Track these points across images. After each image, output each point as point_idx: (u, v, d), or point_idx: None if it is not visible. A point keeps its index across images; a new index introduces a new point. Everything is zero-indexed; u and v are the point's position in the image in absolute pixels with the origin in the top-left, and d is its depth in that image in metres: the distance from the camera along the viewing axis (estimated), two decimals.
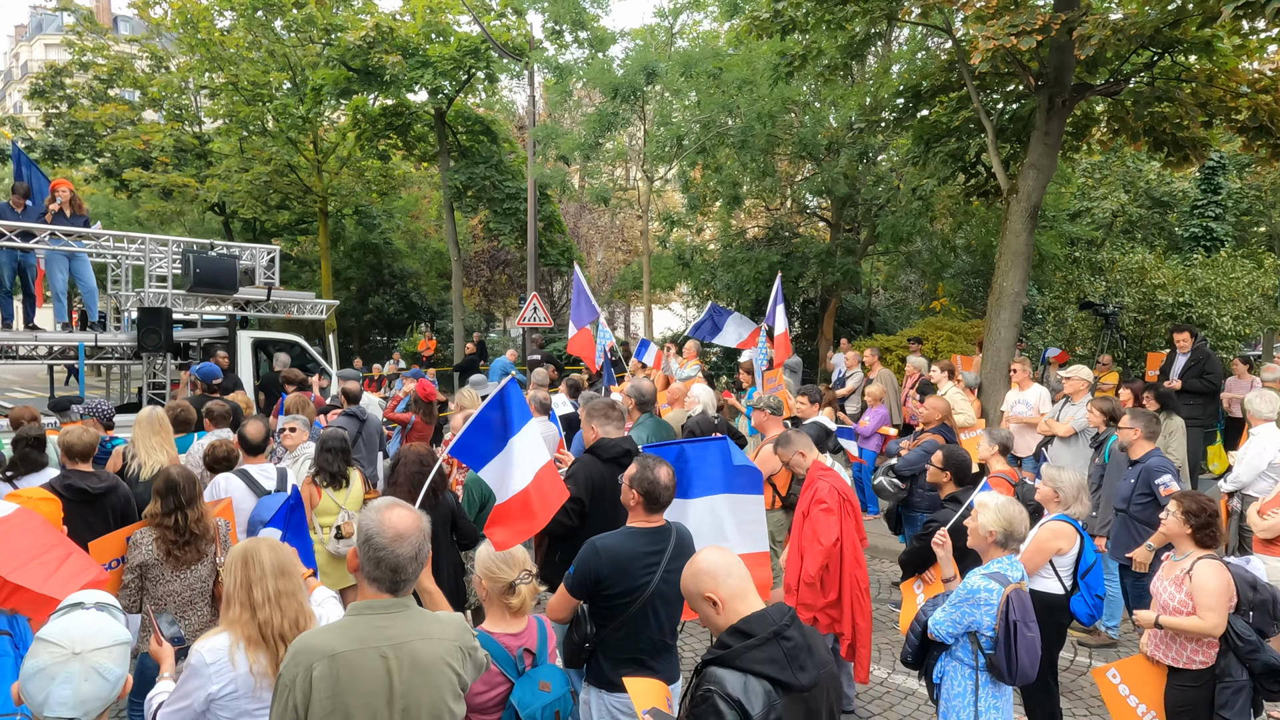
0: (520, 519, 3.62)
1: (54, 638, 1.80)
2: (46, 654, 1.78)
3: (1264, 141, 9.18)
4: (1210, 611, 3.61)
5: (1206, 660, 3.71)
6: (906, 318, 18.98)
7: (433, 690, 2.32)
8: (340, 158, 22.03)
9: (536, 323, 15.37)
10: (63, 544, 2.90)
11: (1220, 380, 9.44)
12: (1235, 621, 3.71)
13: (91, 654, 1.80)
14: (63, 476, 5.12)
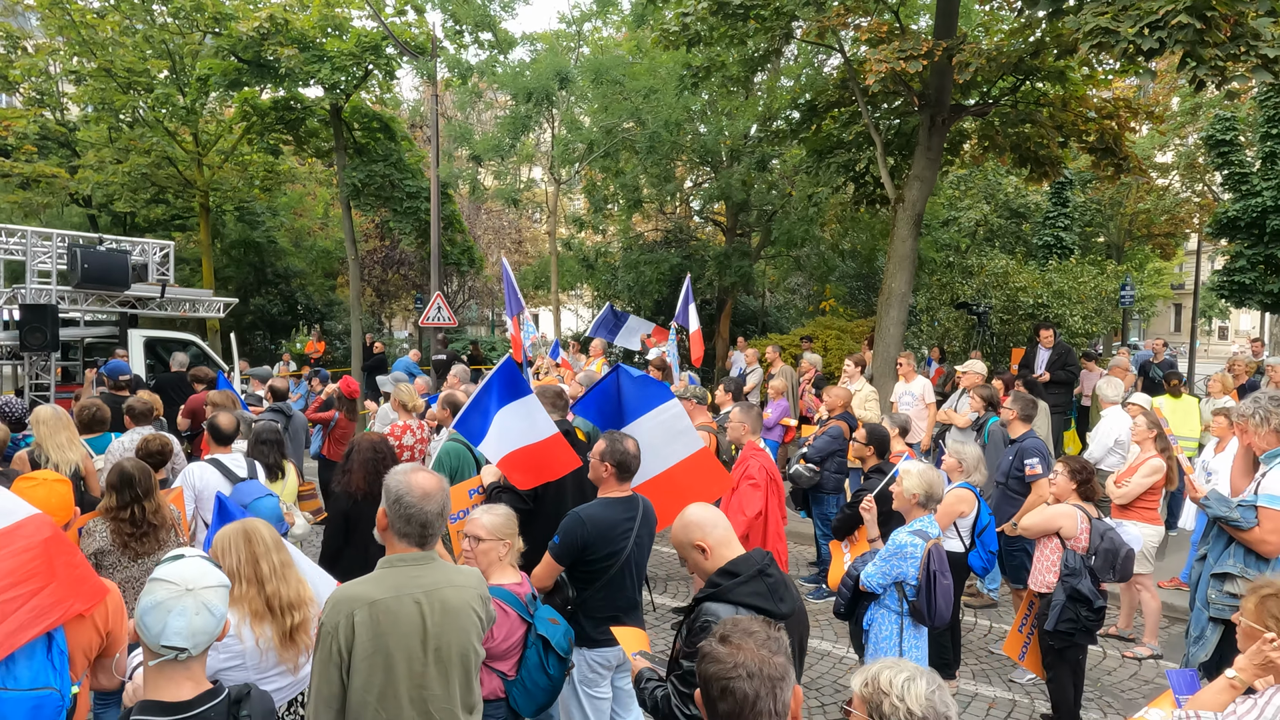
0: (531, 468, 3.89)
1: (169, 577, 1.96)
2: (163, 590, 1.93)
3: (1109, 161, 10.42)
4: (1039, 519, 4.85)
5: (1049, 587, 4.71)
6: (796, 318, 20.01)
7: (461, 632, 2.58)
8: (222, 151, 21.08)
9: (440, 322, 15.31)
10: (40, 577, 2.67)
11: (1078, 372, 10.62)
12: (1069, 554, 4.55)
13: (202, 591, 1.97)
14: None
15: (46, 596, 2.59)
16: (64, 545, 2.74)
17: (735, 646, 1.82)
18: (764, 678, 1.77)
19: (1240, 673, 2.66)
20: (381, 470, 4.89)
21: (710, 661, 1.83)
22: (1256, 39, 6.51)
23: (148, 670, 1.97)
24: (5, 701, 2.67)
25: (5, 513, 2.67)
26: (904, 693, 1.94)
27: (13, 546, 2.62)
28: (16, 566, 2.58)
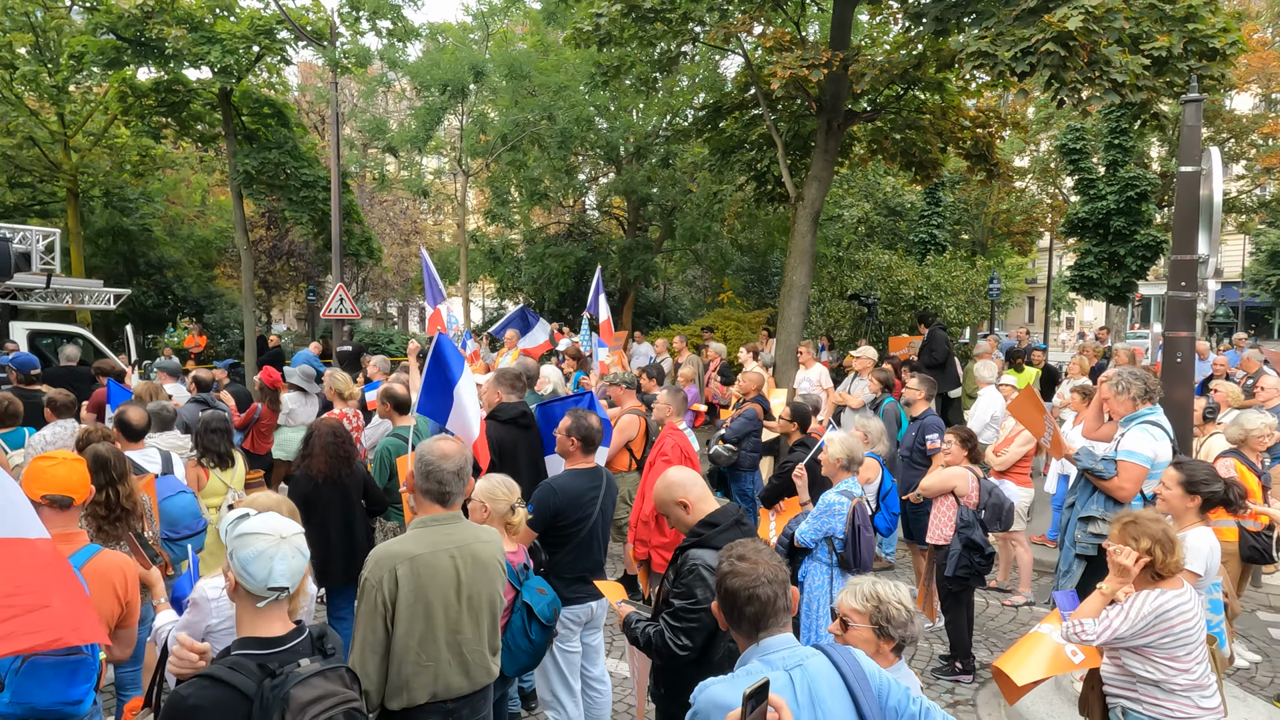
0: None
1: (260, 529, 2.20)
2: (262, 541, 2.18)
3: (982, 166, 11.54)
4: (936, 479, 5.56)
5: (946, 539, 5.40)
6: (695, 309, 20.76)
7: (489, 582, 2.93)
8: (92, 133, 19.82)
9: (343, 314, 15.10)
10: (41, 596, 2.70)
11: (943, 356, 11.61)
12: (963, 510, 5.28)
13: (293, 537, 2.23)
14: None
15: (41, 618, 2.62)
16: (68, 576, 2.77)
17: (753, 562, 2.24)
18: (779, 582, 2.21)
19: (1107, 584, 3.34)
20: (342, 453, 5.09)
21: (734, 576, 2.23)
22: (1108, 65, 7.53)
23: (244, 614, 2.23)
24: (45, 666, 2.83)
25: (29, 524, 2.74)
26: (901, 597, 2.47)
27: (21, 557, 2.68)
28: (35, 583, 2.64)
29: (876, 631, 2.45)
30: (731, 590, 2.23)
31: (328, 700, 2.11)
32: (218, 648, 2.99)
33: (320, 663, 2.20)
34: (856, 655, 2.13)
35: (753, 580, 2.19)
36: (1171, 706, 3.17)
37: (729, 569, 2.26)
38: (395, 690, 2.77)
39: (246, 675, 2.09)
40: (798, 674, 2.00)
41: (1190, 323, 4.99)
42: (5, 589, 2.53)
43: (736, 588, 2.21)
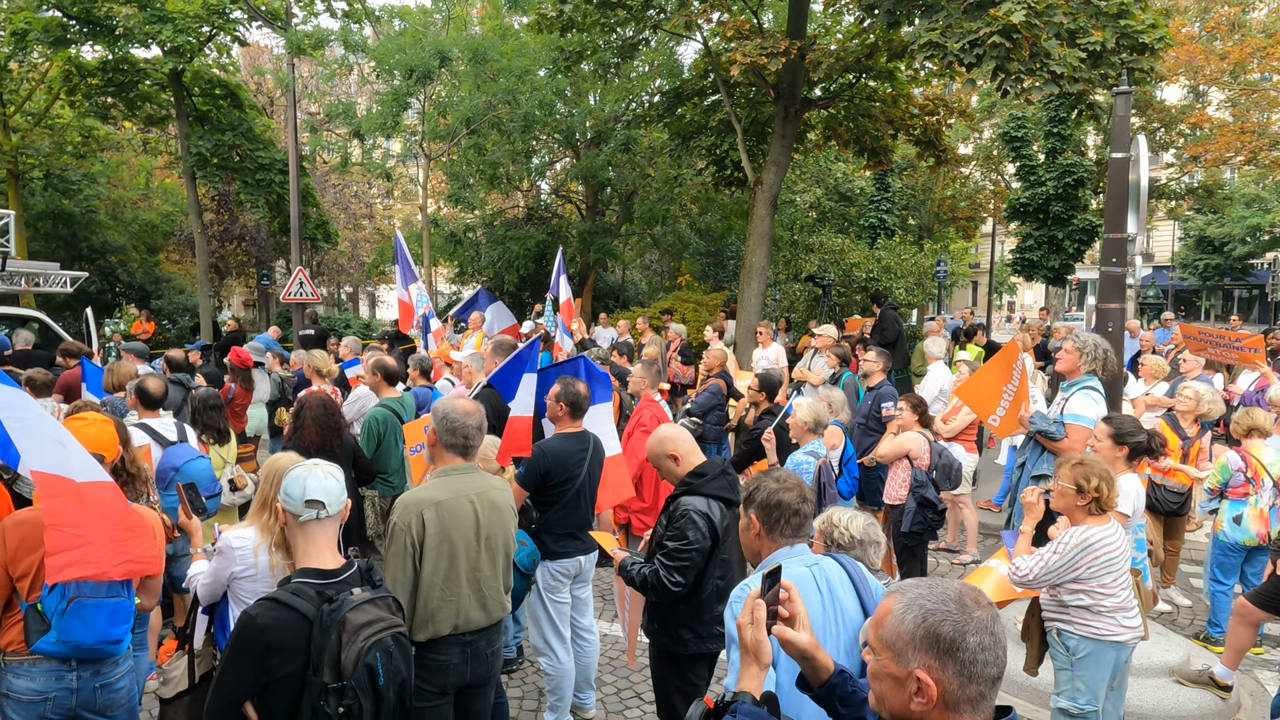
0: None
1: (298, 461, 2.50)
2: (298, 468, 2.48)
3: (931, 153, 12.07)
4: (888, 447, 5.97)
5: (901, 499, 5.81)
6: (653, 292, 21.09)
7: (504, 525, 3.23)
8: (30, 113, 19.29)
9: (303, 298, 15.07)
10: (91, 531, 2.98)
11: (894, 336, 12.13)
12: (916, 471, 5.69)
13: (325, 465, 2.52)
14: None
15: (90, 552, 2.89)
16: (114, 513, 3.05)
17: (778, 478, 2.58)
18: (812, 502, 2.56)
19: (1025, 524, 3.81)
20: (331, 424, 5.31)
21: (786, 492, 2.51)
22: (1048, 57, 8.04)
23: (297, 546, 2.51)
24: (88, 607, 3.06)
25: (86, 469, 3.02)
26: (848, 524, 2.83)
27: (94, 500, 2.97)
28: (81, 516, 2.92)
29: (826, 545, 2.82)
30: (785, 503, 2.52)
31: (378, 624, 2.40)
32: (241, 594, 3.25)
33: (370, 591, 2.48)
34: (862, 569, 2.50)
35: (800, 497, 2.53)
36: (1098, 626, 3.62)
37: (778, 487, 2.56)
38: (422, 623, 3.06)
39: (307, 600, 2.38)
40: (816, 570, 2.36)
41: (1121, 295, 5.48)
42: (55, 520, 2.80)
43: (789, 500, 2.53)
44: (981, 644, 1.42)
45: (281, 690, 2.32)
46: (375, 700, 2.31)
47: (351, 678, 2.26)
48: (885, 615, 1.49)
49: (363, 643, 2.29)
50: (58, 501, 2.88)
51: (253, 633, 2.32)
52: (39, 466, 2.94)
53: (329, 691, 2.25)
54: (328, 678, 2.26)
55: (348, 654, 2.27)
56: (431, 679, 3.14)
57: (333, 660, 2.27)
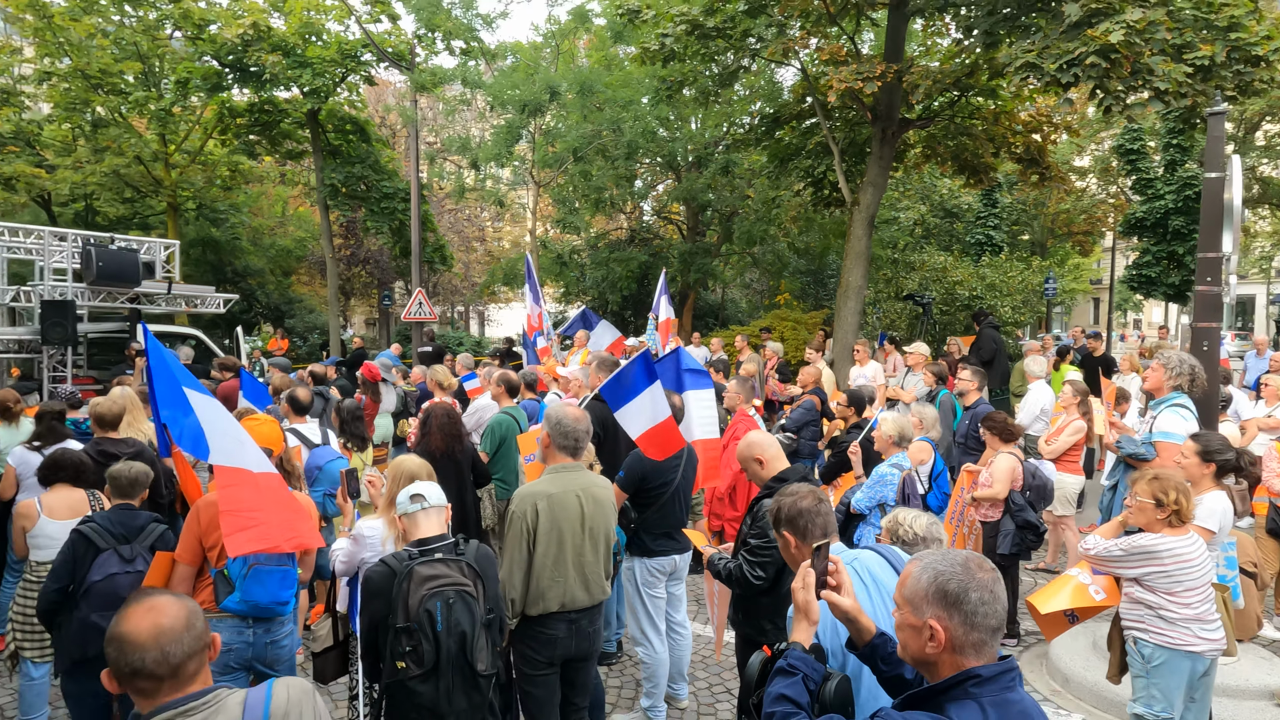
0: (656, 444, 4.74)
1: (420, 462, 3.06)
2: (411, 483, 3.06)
3: (1034, 170, 11.93)
4: (998, 483, 5.70)
5: (996, 516, 5.78)
6: (752, 311, 21.33)
7: (605, 518, 3.68)
8: (188, 150, 21.40)
9: (421, 317, 16.14)
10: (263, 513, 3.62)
11: (990, 355, 11.93)
12: (1013, 493, 5.75)
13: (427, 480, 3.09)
14: (95, 443, 5.76)
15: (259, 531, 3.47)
16: (286, 497, 3.68)
17: (790, 492, 2.91)
18: (814, 493, 2.87)
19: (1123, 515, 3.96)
20: (454, 431, 5.91)
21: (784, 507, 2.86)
22: (1151, 74, 7.97)
23: (410, 531, 3.06)
24: (264, 573, 3.69)
25: (260, 462, 3.66)
26: (912, 523, 3.13)
27: (267, 487, 3.60)
28: (259, 501, 3.54)
29: (891, 541, 3.11)
30: (805, 510, 2.87)
31: (442, 579, 2.90)
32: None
33: (449, 555, 2.98)
34: (899, 552, 2.80)
35: (815, 499, 2.87)
36: (1172, 635, 3.74)
37: (794, 499, 2.90)
38: (534, 599, 3.53)
39: (398, 560, 2.92)
40: (856, 563, 2.68)
41: (1217, 314, 5.48)
42: (230, 506, 3.41)
43: (807, 507, 2.88)
44: (982, 599, 1.74)
45: (381, 634, 2.87)
46: (435, 645, 2.78)
47: (414, 620, 2.75)
48: (906, 577, 1.84)
49: (425, 591, 2.80)
50: (235, 490, 3.51)
51: (365, 584, 2.92)
52: (223, 460, 3.58)
53: (398, 632, 2.77)
54: (399, 619, 2.77)
55: (412, 600, 2.79)
56: (541, 650, 3.61)
57: (403, 605, 2.79)
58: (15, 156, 18.18)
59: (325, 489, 5.42)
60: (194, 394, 3.70)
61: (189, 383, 3.79)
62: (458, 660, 2.87)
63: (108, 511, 3.97)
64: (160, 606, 1.83)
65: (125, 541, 3.87)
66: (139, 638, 1.77)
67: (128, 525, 3.91)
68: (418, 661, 2.81)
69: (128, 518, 3.93)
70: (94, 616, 3.72)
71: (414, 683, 2.81)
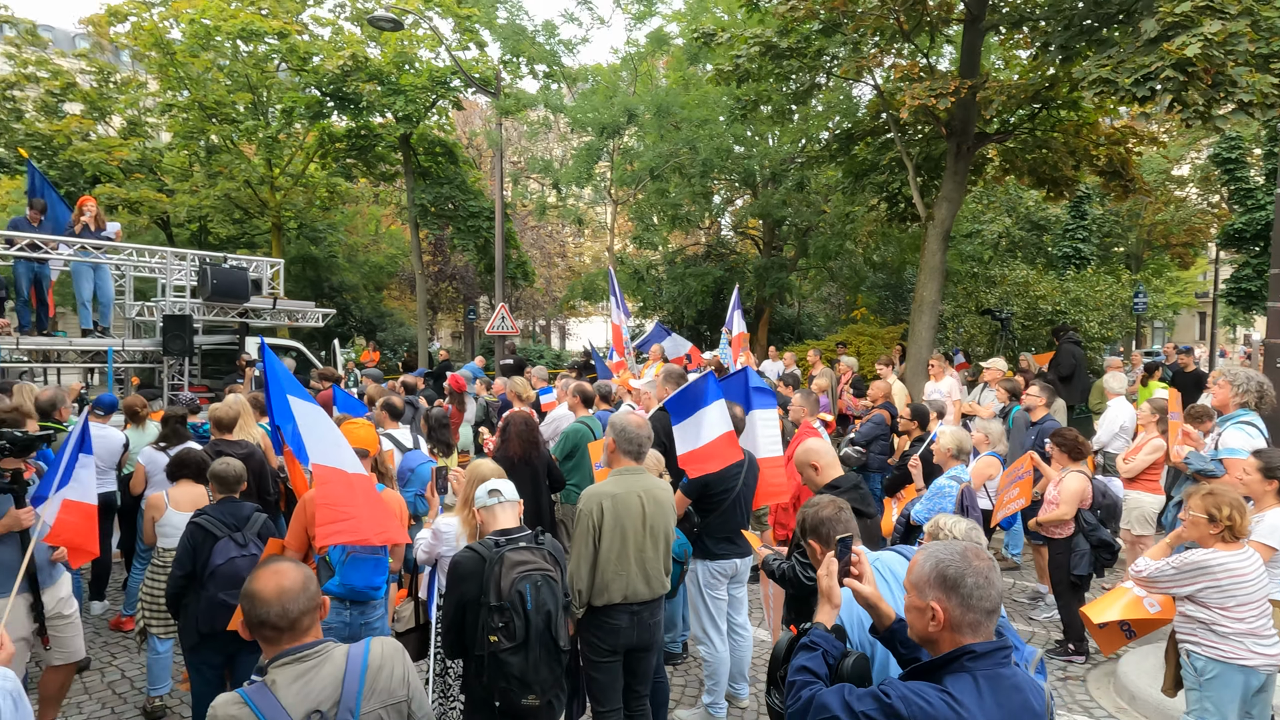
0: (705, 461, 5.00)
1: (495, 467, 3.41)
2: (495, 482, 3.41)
3: (1117, 183, 11.68)
4: (1065, 504, 5.66)
5: (1065, 533, 5.77)
6: (829, 325, 21.29)
7: (665, 518, 3.97)
8: (291, 174, 22.83)
9: (503, 330, 16.78)
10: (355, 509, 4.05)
11: (1069, 371, 11.63)
12: (1084, 512, 5.75)
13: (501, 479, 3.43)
14: (213, 444, 6.36)
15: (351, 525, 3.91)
16: (375, 497, 4.10)
17: (812, 504, 3.15)
18: (834, 503, 3.11)
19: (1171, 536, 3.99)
20: (531, 439, 6.31)
21: (808, 518, 3.15)
22: (1234, 85, 7.81)
23: (486, 519, 3.41)
24: (360, 560, 4.13)
25: (356, 465, 4.09)
26: (952, 527, 3.31)
27: (358, 486, 4.03)
28: (350, 498, 3.96)
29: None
30: (826, 518, 3.14)
31: (530, 565, 3.23)
32: (444, 564, 4.19)
33: (532, 545, 3.31)
34: (914, 547, 3.01)
35: (836, 507, 3.14)
36: (1225, 648, 3.78)
37: (815, 510, 3.21)
38: (599, 591, 3.84)
39: (485, 547, 3.26)
40: (878, 561, 2.91)
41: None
42: (324, 500, 3.84)
43: (828, 515, 3.14)
44: (977, 583, 1.97)
45: (471, 613, 3.20)
46: (525, 621, 3.11)
47: (506, 599, 3.08)
48: (913, 565, 2.08)
49: (516, 574, 3.14)
50: (331, 487, 3.94)
51: (453, 569, 3.27)
52: (321, 461, 4.02)
53: (491, 609, 3.12)
54: (491, 598, 3.11)
55: (505, 582, 3.13)
56: (605, 639, 3.92)
57: (495, 586, 3.14)
58: (140, 182, 19.79)
59: (416, 489, 5.88)
60: (296, 401, 4.15)
61: (295, 390, 4.26)
62: (543, 636, 3.21)
63: (216, 504, 4.43)
64: (283, 571, 2.23)
65: (236, 529, 4.31)
66: (266, 595, 2.17)
67: (236, 515, 4.36)
68: (509, 636, 3.15)
69: (234, 509, 4.39)
70: (221, 595, 4.20)
71: (505, 654, 3.15)
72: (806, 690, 2.10)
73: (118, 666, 6.04)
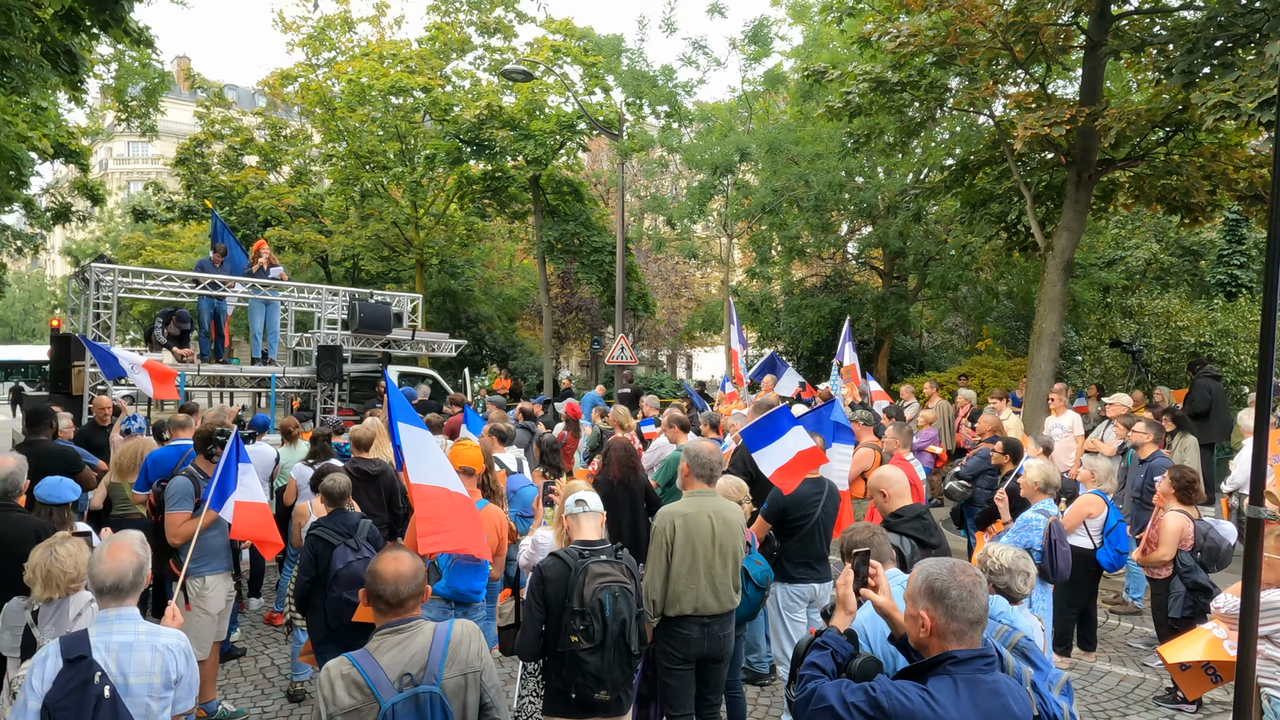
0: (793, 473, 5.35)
1: (586, 487, 3.85)
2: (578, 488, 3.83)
3: (1260, 208, 10.99)
4: (1164, 544, 5.54)
5: (1165, 574, 5.70)
6: (953, 357, 20.73)
7: (733, 537, 4.30)
8: (433, 214, 24.64)
9: (623, 360, 17.44)
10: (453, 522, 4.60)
11: (1204, 407, 10.86)
12: (1183, 553, 5.58)
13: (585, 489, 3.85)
14: (352, 461, 7.15)
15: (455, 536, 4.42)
16: (473, 514, 4.61)
17: (849, 529, 3.39)
18: (868, 528, 3.33)
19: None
20: (631, 464, 6.75)
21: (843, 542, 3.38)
22: None
23: (572, 530, 3.83)
24: (464, 567, 4.67)
25: (458, 485, 4.63)
26: (999, 555, 3.48)
27: (456, 503, 4.55)
28: (449, 513, 4.47)
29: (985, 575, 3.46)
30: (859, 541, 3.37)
31: (609, 577, 3.61)
32: None
33: (611, 558, 3.70)
34: None
35: (869, 531, 3.37)
36: None
37: (850, 534, 3.44)
38: (671, 601, 4.21)
39: (570, 556, 3.67)
40: (895, 579, 3.14)
41: None
42: (428, 514, 4.39)
43: (861, 539, 3.37)
44: (961, 596, 2.22)
45: (554, 615, 3.60)
46: (604, 627, 3.49)
47: (588, 606, 3.48)
48: (910, 579, 2.35)
49: (596, 584, 3.52)
50: (432, 504, 4.46)
51: (538, 575, 3.68)
52: (420, 480, 4.55)
53: (574, 613, 3.50)
54: (574, 604, 3.50)
55: (587, 590, 3.51)
56: (678, 647, 4.27)
57: (578, 593, 3.52)
58: (304, 225, 21.98)
59: (518, 509, 6.43)
60: (405, 426, 4.71)
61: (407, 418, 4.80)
62: (618, 640, 3.60)
63: (327, 516, 4.95)
64: (402, 559, 2.76)
65: (349, 536, 4.84)
66: (385, 576, 2.71)
67: (346, 524, 4.89)
68: (588, 638, 3.56)
69: (344, 519, 4.92)
70: (345, 594, 4.82)
71: (584, 654, 3.56)
72: (812, 683, 2.40)
73: (268, 655, 6.90)
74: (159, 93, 14.18)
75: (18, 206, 15.62)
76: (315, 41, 21.50)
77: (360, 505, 6.11)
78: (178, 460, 6.18)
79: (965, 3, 10.06)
